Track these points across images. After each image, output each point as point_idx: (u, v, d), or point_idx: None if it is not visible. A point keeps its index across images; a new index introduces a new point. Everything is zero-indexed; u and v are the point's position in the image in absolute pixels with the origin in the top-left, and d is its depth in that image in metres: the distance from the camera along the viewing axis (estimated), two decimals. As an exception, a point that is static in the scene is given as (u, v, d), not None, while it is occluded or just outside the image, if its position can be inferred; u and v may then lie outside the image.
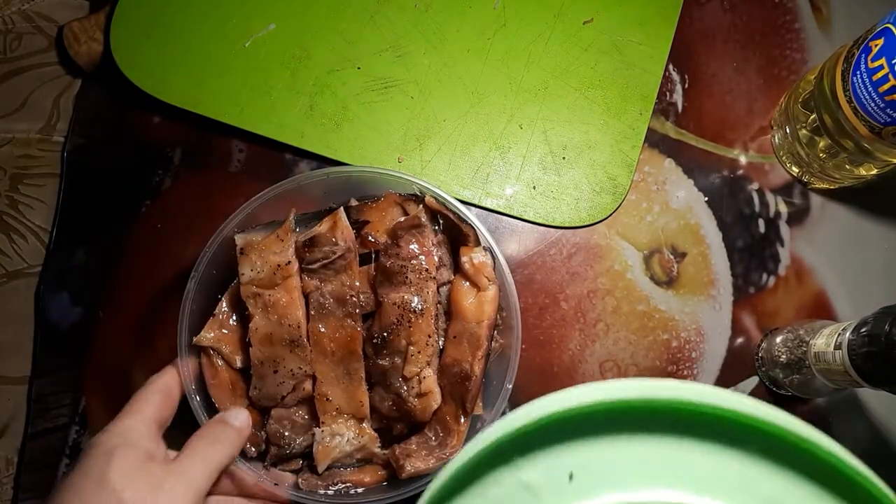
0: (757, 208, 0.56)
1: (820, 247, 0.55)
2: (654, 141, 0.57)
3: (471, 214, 0.45)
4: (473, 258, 0.44)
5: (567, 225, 0.54)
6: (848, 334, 0.42)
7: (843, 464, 0.33)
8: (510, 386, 0.43)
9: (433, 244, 0.44)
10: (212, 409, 0.44)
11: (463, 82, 0.56)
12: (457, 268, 0.45)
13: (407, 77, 0.56)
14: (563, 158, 0.55)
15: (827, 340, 0.45)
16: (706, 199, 0.56)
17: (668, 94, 0.57)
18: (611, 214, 0.55)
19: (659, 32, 0.57)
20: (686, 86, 0.58)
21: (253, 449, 0.44)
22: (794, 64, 0.58)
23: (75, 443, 0.53)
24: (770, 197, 0.56)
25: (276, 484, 0.43)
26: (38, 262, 0.55)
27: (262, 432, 0.44)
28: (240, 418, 0.42)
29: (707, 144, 0.57)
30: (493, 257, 0.44)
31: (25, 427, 0.53)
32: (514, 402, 0.52)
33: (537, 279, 0.54)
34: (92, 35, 0.56)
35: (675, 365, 0.53)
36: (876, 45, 0.45)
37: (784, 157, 0.56)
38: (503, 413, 0.43)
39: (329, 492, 0.43)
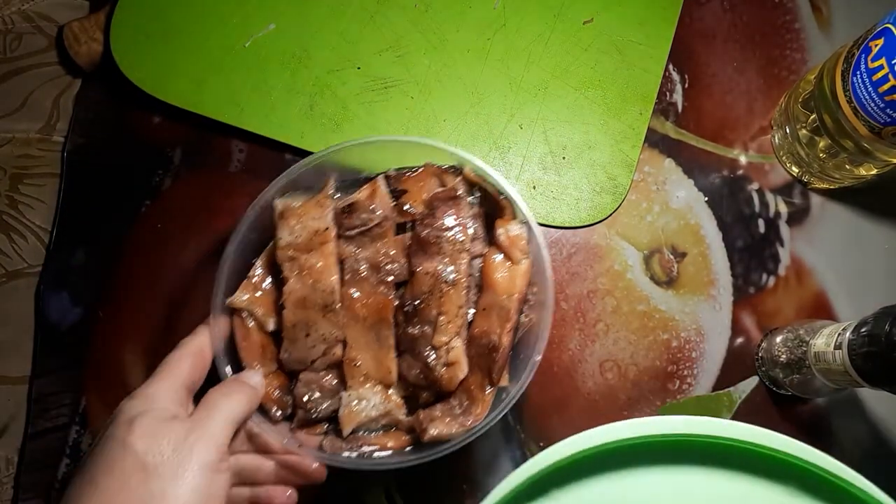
0: (757, 208, 0.56)
1: (820, 247, 0.55)
2: (654, 141, 0.57)
3: (510, 188, 0.45)
4: (509, 230, 0.44)
5: (567, 225, 0.54)
6: (848, 334, 0.42)
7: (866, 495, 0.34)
8: (538, 358, 0.43)
9: (469, 216, 0.45)
10: (240, 371, 0.44)
11: (463, 82, 0.56)
12: (491, 241, 0.45)
13: (407, 77, 0.56)
14: (563, 158, 0.55)
15: (827, 340, 0.45)
16: (706, 198, 0.56)
17: (668, 94, 0.57)
18: (611, 214, 0.55)
19: (659, 32, 0.57)
20: (686, 86, 0.58)
21: (279, 412, 0.44)
22: (794, 64, 0.58)
23: (75, 442, 0.53)
24: (770, 197, 0.56)
25: (300, 446, 0.43)
26: (38, 261, 0.55)
27: (289, 396, 0.45)
28: (254, 378, 0.42)
29: (707, 144, 0.57)
30: (530, 232, 0.44)
31: (25, 427, 0.53)
32: (517, 402, 0.52)
33: (537, 279, 0.54)
34: (92, 35, 0.56)
35: (675, 365, 0.53)
36: (876, 46, 0.45)
37: (784, 157, 0.56)
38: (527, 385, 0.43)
39: (352, 454, 0.44)
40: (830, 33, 0.59)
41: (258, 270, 0.45)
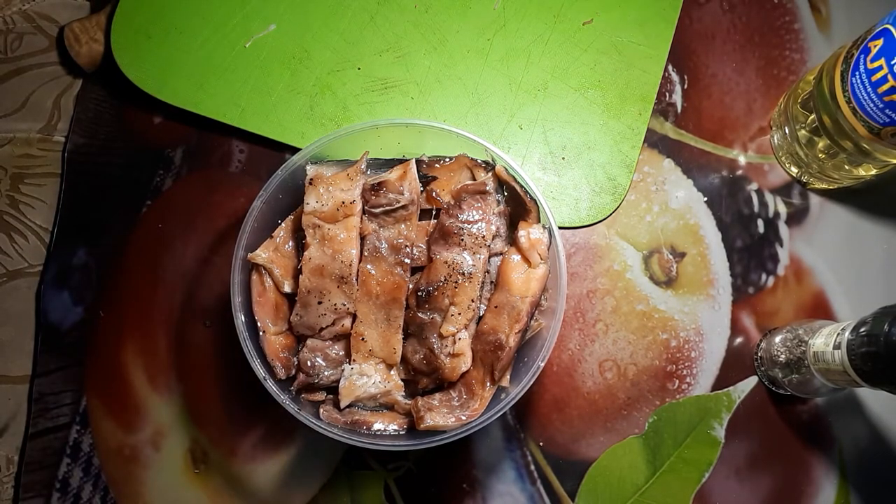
0: (756, 208, 0.56)
1: (819, 247, 0.55)
2: (654, 141, 0.57)
3: (538, 192, 0.45)
4: (531, 233, 0.45)
5: (566, 225, 0.54)
6: (847, 334, 0.42)
7: None
8: (542, 364, 0.44)
9: (494, 213, 0.45)
10: (253, 326, 0.45)
11: (463, 83, 0.56)
12: (512, 241, 0.46)
13: (407, 78, 0.56)
14: (563, 159, 0.55)
15: (826, 340, 0.45)
16: (705, 199, 0.56)
17: (667, 94, 0.58)
18: (610, 215, 0.55)
19: (658, 33, 0.57)
20: (685, 86, 0.58)
21: (283, 371, 0.45)
22: (793, 64, 0.58)
23: (76, 442, 0.53)
24: (769, 197, 0.56)
25: (298, 410, 0.44)
26: (38, 261, 0.55)
27: (295, 358, 0.46)
28: None
29: (706, 145, 0.57)
30: (551, 238, 0.45)
31: (26, 426, 0.53)
32: (516, 401, 0.53)
33: (537, 279, 0.54)
34: (93, 36, 0.56)
35: (675, 364, 0.53)
36: (875, 46, 0.45)
37: (783, 158, 0.56)
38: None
39: (346, 429, 0.45)
40: (829, 34, 0.59)
41: (282, 232, 0.47)
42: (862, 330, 0.41)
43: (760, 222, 0.56)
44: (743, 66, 0.58)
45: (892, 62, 0.44)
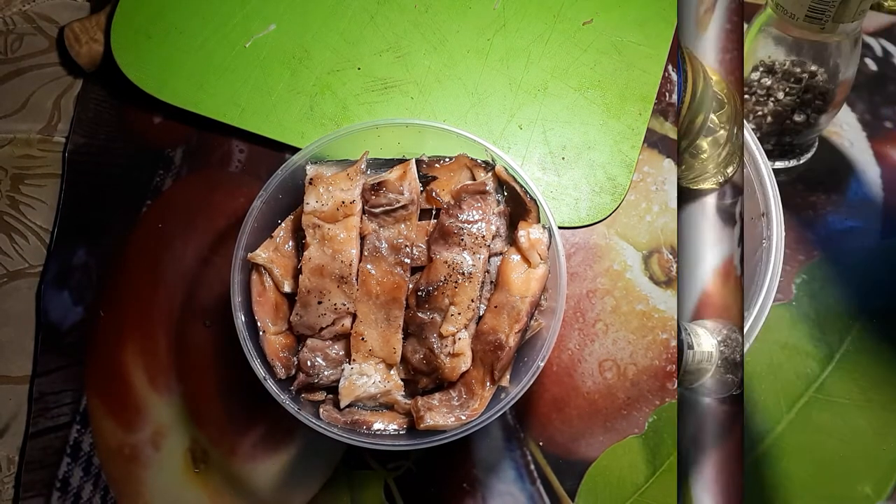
0: (756, 208, 0.56)
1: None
2: (654, 141, 0.57)
3: (538, 192, 0.45)
4: (531, 233, 0.45)
5: (566, 225, 0.54)
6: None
7: None
8: (542, 364, 0.44)
9: (494, 213, 0.46)
10: (253, 326, 0.45)
11: (463, 83, 0.56)
12: (512, 241, 0.46)
13: (407, 77, 0.56)
14: (563, 159, 0.55)
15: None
16: (705, 199, 0.56)
17: (667, 94, 0.58)
18: (610, 215, 0.55)
19: (658, 33, 0.57)
20: (685, 86, 0.58)
21: (283, 370, 0.45)
22: (792, 64, 0.58)
23: (76, 442, 0.53)
24: (769, 197, 0.56)
25: (298, 410, 0.44)
26: (39, 262, 0.56)
27: (295, 358, 0.46)
28: None
29: (706, 145, 0.57)
30: (551, 238, 0.45)
31: (26, 426, 0.53)
32: (517, 401, 0.53)
33: (537, 279, 0.54)
34: (93, 35, 0.57)
35: (674, 364, 0.53)
36: None
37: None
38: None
39: (346, 429, 0.45)
40: (829, 34, 0.59)
41: (282, 232, 0.47)
42: None
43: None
44: (743, 66, 0.58)
45: None
